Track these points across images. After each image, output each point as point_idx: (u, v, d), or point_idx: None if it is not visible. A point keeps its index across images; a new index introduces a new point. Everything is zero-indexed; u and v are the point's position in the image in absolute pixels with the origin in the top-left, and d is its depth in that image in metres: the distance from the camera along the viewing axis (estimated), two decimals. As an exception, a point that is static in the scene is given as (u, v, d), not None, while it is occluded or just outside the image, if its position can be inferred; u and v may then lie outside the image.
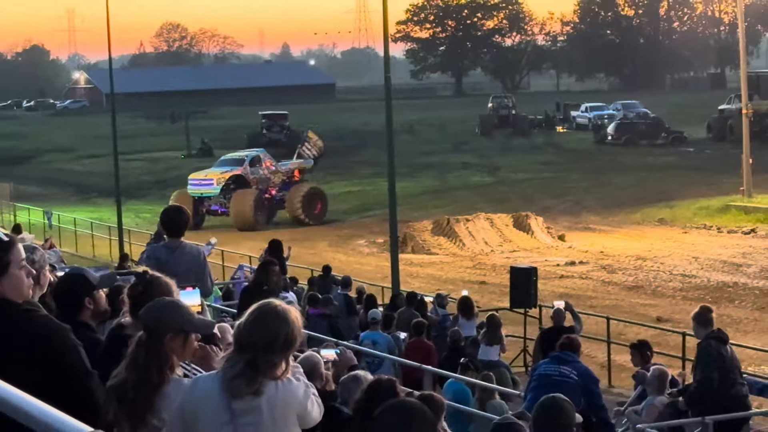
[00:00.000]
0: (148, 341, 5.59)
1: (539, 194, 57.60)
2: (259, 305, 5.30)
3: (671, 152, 72.89)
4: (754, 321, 28.77)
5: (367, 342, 17.66)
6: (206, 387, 5.23)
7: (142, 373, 5.51)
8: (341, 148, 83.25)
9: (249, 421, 5.13)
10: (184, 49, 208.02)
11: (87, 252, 43.51)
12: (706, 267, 37.22)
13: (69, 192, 70.11)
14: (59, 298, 6.80)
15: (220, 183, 51.83)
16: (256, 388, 5.11)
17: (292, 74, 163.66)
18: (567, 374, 12.21)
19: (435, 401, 7.96)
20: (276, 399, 5.14)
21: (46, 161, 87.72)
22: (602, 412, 12.63)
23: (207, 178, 52.54)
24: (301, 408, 5.22)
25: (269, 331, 5.13)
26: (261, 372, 5.12)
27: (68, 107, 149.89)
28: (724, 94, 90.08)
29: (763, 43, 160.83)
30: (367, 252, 43.80)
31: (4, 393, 3.01)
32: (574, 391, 12.00)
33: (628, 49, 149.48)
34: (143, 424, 5.46)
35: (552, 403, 6.34)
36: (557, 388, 11.80)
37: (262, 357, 5.12)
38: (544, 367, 12.51)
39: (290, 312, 5.24)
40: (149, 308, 5.81)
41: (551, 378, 12.20)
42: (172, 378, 5.57)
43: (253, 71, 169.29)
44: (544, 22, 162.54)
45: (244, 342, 5.18)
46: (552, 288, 32.47)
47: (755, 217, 46.53)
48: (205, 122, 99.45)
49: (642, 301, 32.22)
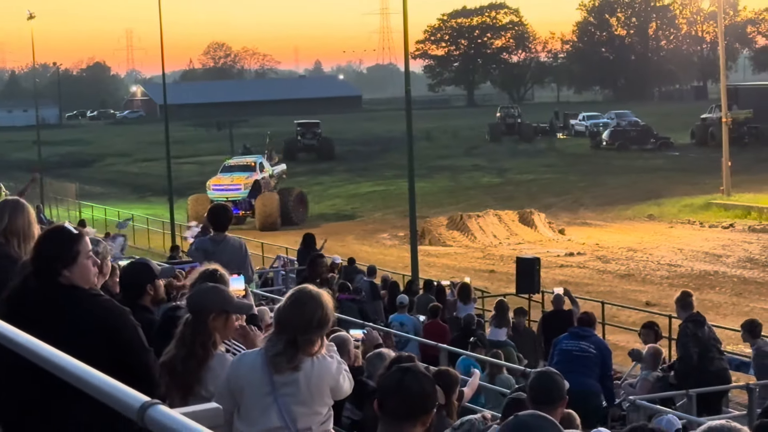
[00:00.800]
0: (193, 321, 5.66)
1: (542, 193, 57.54)
2: (295, 290, 5.36)
3: (659, 156, 72.65)
4: (732, 305, 28.71)
5: (395, 324, 17.76)
6: (251, 362, 5.29)
7: (189, 349, 5.58)
8: (367, 152, 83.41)
9: (288, 392, 5.18)
10: (228, 65, 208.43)
11: (143, 244, 43.66)
12: (689, 257, 37.11)
13: (127, 191, 70.38)
14: (125, 282, 6.87)
15: (248, 187, 50.35)
16: (296, 364, 5.16)
17: (323, 87, 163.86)
18: (586, 349, 12.20)
19: (450, 375, 7.99)
20: (312, 373, 5.18)
21: (108, 164, 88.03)
22: (609, 381, 12.66)
23: (234, 183, 50.47)
24: (333, 382, 5.26)
25: (305, 313, 5.18)
26: (300, 349, 5.17)
27: (126, 117, 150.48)
28: (706, 104, 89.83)
29: (741, 59, 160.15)
30: (390, 244, 43.80)
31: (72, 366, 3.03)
32: (594, 364, 12.05)
33: (620, 65, 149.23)
34: (192, 394, 5.51)
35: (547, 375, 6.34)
36: (578, 362, 11.85)
37: (301, 336, 5.17)
38: (566, 342, 12.46)
39: (323, 295, 5.29)
40: (195, 292, 5.87)
41: (572, 353, 12.21)
42: (215, 353, 5.63)
43: (288, 85, 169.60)
44: (546, 41, 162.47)
45: (284, 323, 5.23)
46: (553, 276, 32.44)
47: (734, 213, 46.40)
48: (247, 130, 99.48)
49: (633, 287, 32.15)
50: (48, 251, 4.81)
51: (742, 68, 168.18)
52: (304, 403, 5.18)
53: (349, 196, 61.40)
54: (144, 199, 64.99)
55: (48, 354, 3.17)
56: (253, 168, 51.48)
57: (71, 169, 79.03)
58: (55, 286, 4.75)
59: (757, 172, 57.88)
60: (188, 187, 60.02)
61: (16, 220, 6.05)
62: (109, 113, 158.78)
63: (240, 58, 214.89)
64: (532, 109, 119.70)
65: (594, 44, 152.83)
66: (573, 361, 11.99)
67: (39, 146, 64.97)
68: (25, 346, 3.31)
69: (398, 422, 4.28)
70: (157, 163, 71.29)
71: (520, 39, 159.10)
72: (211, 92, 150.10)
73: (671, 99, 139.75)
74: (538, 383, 6.15)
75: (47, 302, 4.71)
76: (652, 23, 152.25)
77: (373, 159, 78.61)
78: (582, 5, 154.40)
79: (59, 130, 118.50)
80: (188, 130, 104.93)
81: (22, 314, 4.47)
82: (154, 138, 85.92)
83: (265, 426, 5.17)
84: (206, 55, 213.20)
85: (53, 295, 4.73)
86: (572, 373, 11.29)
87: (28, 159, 62.04)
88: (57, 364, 3.08)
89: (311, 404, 5.19)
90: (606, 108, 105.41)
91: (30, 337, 3.35)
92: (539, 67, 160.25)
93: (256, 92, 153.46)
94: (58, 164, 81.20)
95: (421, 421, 4.31)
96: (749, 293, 30.62)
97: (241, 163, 52.75)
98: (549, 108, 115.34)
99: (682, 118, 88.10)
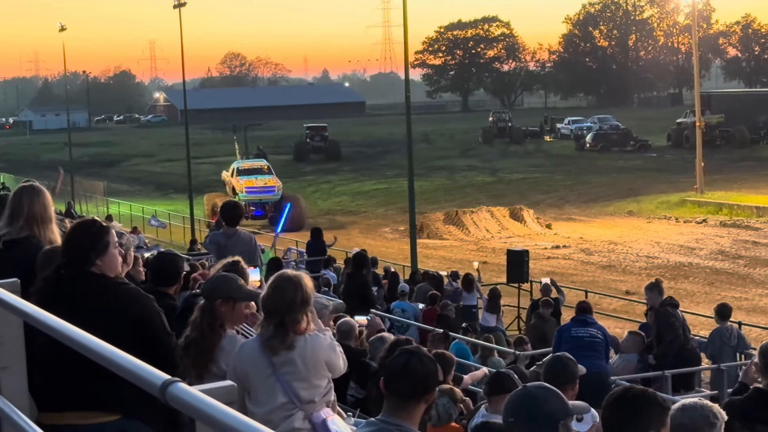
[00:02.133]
0: (203, 305, 5.73)
1: (531, 191, 57.52)
2: (275, 277, 5.39)
3: (638, 157, 72.59)
4: (704, 294, 28.74)
5: (397, 310, 17.81)
6: (251, 349, 5.32)
7: (200, 331, 5.65)
8: (371, 154, 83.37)
9: (287, 371, 5.20)
10: (243, 73, 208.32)
11: (165, 237, 43.70)
12: (666, 250, 37.13)
13: (151, 189, 70.42)
14: (154, 271, 6.89)
15: (280, 189, 48.58)
16: (289, 343, 5.17)
17: (330, 94, 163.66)
18: (595, 335, 12.18)
19: (447, 358, 8.03)
20: (306, 350, 5.21)
21: (133, 164, 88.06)
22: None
23: (268, 185, 48.23)
24: (327, 356, 5.27)
25: (287, 296, 5.20)
26: (290, 329, 5.19)
27: (150, 121, 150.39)
28: (681, 109, 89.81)
29: (713, 68, 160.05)
30: (391, 237, 43.83)
31: (99, 348, 3.05)
32: (604, 348, 12.09)
33: (603, 74, 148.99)
34: (207, 372, 5.56)
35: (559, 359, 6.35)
36: (589, 347, 11.89)
37: (288, 317, 5.18)
38: (574, 330, 12.30)
39: (302, 277, 5.32)
40: (208, 280, 5.93)
41: (584, 339, 12.11)
42: (226, 335, 5.69)
43: (298, 91, 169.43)
44: (534, 51, 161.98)
45: (270, 309, 5.26)
46: (540, 267, 32.45)
47: (706, 209, 46.38)
48: (260, 133, 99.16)
49: (614, 277, 32.19)
50: (82, 242, 4.82)
51: (714, 77, 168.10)
52: (303, 378, 5.20)
53: (354, 194, 61.41)
54: (166, 197, 65.03)
55: (80, 337, 3.20)
56: (269, 171, 50.23)
57: (99, 169, 79.10)
58: (86, 275, 4.77)
59: (728, 172, 57.92)
60: (206, 185, 60.06)
61: (33, 206, 6.00)
62: (134, 117, 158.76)
63: (254, 67, 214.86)
64: (522, 114, 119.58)
65: (578, 54, 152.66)
66: (585, 346, 11.95)
67: (70, 148, 65.04)
68: (59, 331, 3.34)
69: (404, 401, 4.30)
70: (178, 163, 71.32)
71: (511, 50, 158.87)
72: (228, 98, 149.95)
73: (649, 105, 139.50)
74: (551, 367, 6.16)
75: (80, 290, 4.73)
76: (632, 35, 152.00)
77: (376, 160, 78.58)
78: (568, 19, 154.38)
79: (88, 133, 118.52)
80: (206, 133, 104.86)
81: (56, 301, 4.49)
82: (175, 140, 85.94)
83: (274, 404, 5.20)
84: (223, 64, 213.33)
85: (85, 284, 4.76)
86: (586, 357, 11.46)
87: (61, 159, 61.99)
88: (87, 346, 3.11)
89: (310, 378, 5.21)
90: (589, 113, 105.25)
91: (63, 322, 3.38)
92: (528, 76, 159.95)
93: (269, 98, 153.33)
94: (87, 164, 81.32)
95: (425, 399, 4.35)
96: (720, 283, 30.67)
97: (256, 166, 51.01)
98: (538, 113, 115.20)
99: (659, 123, 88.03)
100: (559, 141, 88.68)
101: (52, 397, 4.63)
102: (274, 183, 48.85)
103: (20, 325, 3.94)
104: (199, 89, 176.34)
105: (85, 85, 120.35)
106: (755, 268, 32.86)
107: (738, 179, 54.92)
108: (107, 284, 4.78)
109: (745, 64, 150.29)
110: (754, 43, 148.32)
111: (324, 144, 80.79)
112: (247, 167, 50.89)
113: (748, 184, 52.40)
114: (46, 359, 4.53)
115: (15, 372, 4.01)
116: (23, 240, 5.89)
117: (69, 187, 56.65)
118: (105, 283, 4.78)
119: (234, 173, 50.22)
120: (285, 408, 5.18)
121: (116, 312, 4.67)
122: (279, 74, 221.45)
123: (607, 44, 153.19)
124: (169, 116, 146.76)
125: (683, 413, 4.28)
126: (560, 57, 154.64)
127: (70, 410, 4.61)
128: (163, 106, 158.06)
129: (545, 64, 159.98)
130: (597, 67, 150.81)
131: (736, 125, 72.67)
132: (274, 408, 5.18)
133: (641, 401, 4.18)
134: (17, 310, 3.72)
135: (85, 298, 4.69)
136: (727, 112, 73.07)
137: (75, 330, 3.23)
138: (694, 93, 57.99)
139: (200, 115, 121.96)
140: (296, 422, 5.16)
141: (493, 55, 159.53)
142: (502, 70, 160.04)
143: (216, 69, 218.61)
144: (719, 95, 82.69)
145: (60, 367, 4.53)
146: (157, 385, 2.61)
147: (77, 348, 3.15)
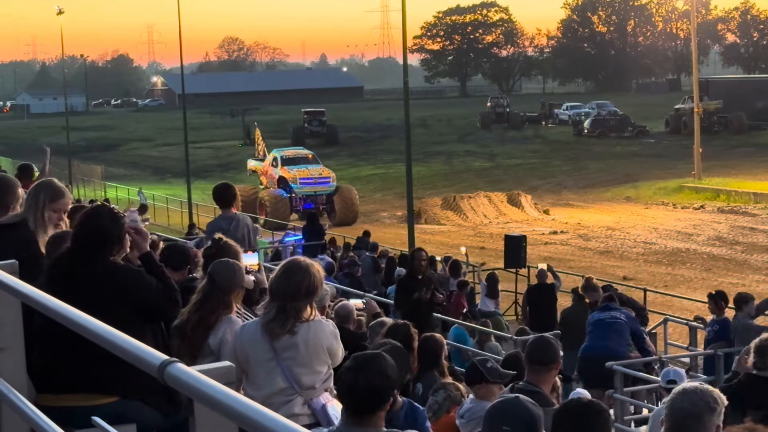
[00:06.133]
0: (214, 293, 5.75)
1: (528, 176, 57.47)
2: (287, 261, 5.43)
3: (636, 143, 72.56)
4: (702, 279, 28.72)
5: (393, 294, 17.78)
6: (251, 331, 5.32)
7: (201, 315, 5.69)
8: (368, 138, 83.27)
9: (288, 356, 5.20)
10: (241, 58, 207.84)
11: (163, 221, 43.66)
12: (663, 236, 37.13)
13: (148, 173, 70.32)
14: (168, 258, 6.91)
15: (335, 180, 44.14)
16: (289, 328, 5.17)
17: (328, 79, 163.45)
18: (617, 317, 12.82)
19: (436, 339, 8.10)
20: (309, 335, 5.20)
21: (130, 148, 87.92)
22: (643, 342, 13.14)
23: (323, 176, 43.56)
24: (329, 343, 5.27)
25: (294, 282, 5.20)
26: (290, 316, 5.18)
27: (148, 105, 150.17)
28: (679, 95, 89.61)
29: (712, 54, 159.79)
30: (389, 223, 43.80)
31: (97, 328, 3.06)
32: (624, 328, 12.59)
33: (601, 59, 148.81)
34: (200, 352, 5.61)
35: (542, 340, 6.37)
36: (609, 328, 12.45)
37: (290, 303, 5.18)
38: (597, 315, 12.93)
39: (312, 266, 5.31)
40: (214, 265, 5.94)
41: (605, 321, 12.75)
42: (224, 317, 5.73)
43: (296, 76, 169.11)
44: (533, 36, 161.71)
45: (275, 291, 5.26)
46: (538, 252, 32.42)
47: (704, 195, 46.38)
48: (258, 117, 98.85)
49: (611, 263, 32.17)
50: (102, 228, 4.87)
51: (712, 63, 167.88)
52: (305, 364, 5.19)
53: (351, 179, 61.27)
54: (164, 181, 64.93)
55: (78, 318, 3.20)
56: (315, 160, 45.60)
57: (97, 153, 78.94)
58: (98, 259, 4.83)
59: (726, 158, 57.90)
60: (203, 169, 60.06)
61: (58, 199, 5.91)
62: (131, 101, 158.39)
63: (252, 51, 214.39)
64: (520, 99, 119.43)
65: (577, 40, 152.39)
66: (604, 327, 12.61)
67: (68, 132, 64.87)
68: (57, 312, 3.35)
69: (359, 416, 4.24)
70: (175, 147, 71.25)
71: (509, 35, 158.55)
72: (226, 83, 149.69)
73: (647, 91, 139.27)
74: (534, 346, 6.19)
75: (90, 273, 4.78)
76: (631, 21, 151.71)
77: (374, 145, 78.50)
78: (566, 4, 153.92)
79: (86, 117, 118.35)
80: (204, 118, 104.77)
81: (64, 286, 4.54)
82: (172, 124, 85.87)
83: (273, 389, 5.20)
84: (221, 48, 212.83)
85: (95, 267, 4.81)
86: (603, 339, 12.40)
87: (58, 143, 61.83)
88: (86, 327, 3.12)
89: (311, 365, 5.21)
90: (588, 99, 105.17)
91: (61, 303, 3.38)
92: (526, 61, 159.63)
93: (267, 83, 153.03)
94: (85, 148, 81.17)
95: (381, 408, 4.25)
96: (718, 269, 30.66)
97: (301, 155, 46.25)
98: (536, 99, 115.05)
99: (657, 109, 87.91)
100: (557, 126, 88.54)
101: (50, 379, 4.65)
102: (329, 174, 44.24)
103: (19, 307, 3.95)
104: (196, 73, 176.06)
105: (83, 68, 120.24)
106: (752, 254, 32.87)
107: (736, 165, 54.90)
108: (116, 268, 4.86)
109: (743, 50, 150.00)
110: (752, 29, 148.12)
111: (322, 129, 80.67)
112: (292, 155, 45.96)
113: (746, 171, 52.40)
114: (44, 341, 4.55)
115: (14, 353, 4.02)
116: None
117: (67, 171, 56.59)
118: (114, 268, 4.85)
119: (278, 163, 44.77)
120: (284, 393, 5.18)
121: (110, 288, 4.74)
122: (277, 59, 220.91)
123: (606, 30, 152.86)
124: (166, 100, 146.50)
125: (683, 397, 4.28)
126: (559, 42, 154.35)
127: (69, 392, 4.63)
128: (161, 90, 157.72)
129: (543, 50, 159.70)
130: (595, 52, 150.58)
131: (734, 111, 72.68)
132: (272, 393, 5.18)
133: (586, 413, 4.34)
134: (16, 291, 3.73)
135: (95, 282, 4.74)
136: (725, 98, 73.04)
137: (73, 311, 3.24)
138: (693, 79, 57.92)
139: (198, 99, 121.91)
140: (296, 408, 5.16)
141: (491, 41, 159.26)
142: (500, 56, 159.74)
143: (214, 53, 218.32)
144: (717, 81, 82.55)
145: (58, 348, 4.55)
146: (156, 365, 2.61)
147: (75, 329, 3.16)
